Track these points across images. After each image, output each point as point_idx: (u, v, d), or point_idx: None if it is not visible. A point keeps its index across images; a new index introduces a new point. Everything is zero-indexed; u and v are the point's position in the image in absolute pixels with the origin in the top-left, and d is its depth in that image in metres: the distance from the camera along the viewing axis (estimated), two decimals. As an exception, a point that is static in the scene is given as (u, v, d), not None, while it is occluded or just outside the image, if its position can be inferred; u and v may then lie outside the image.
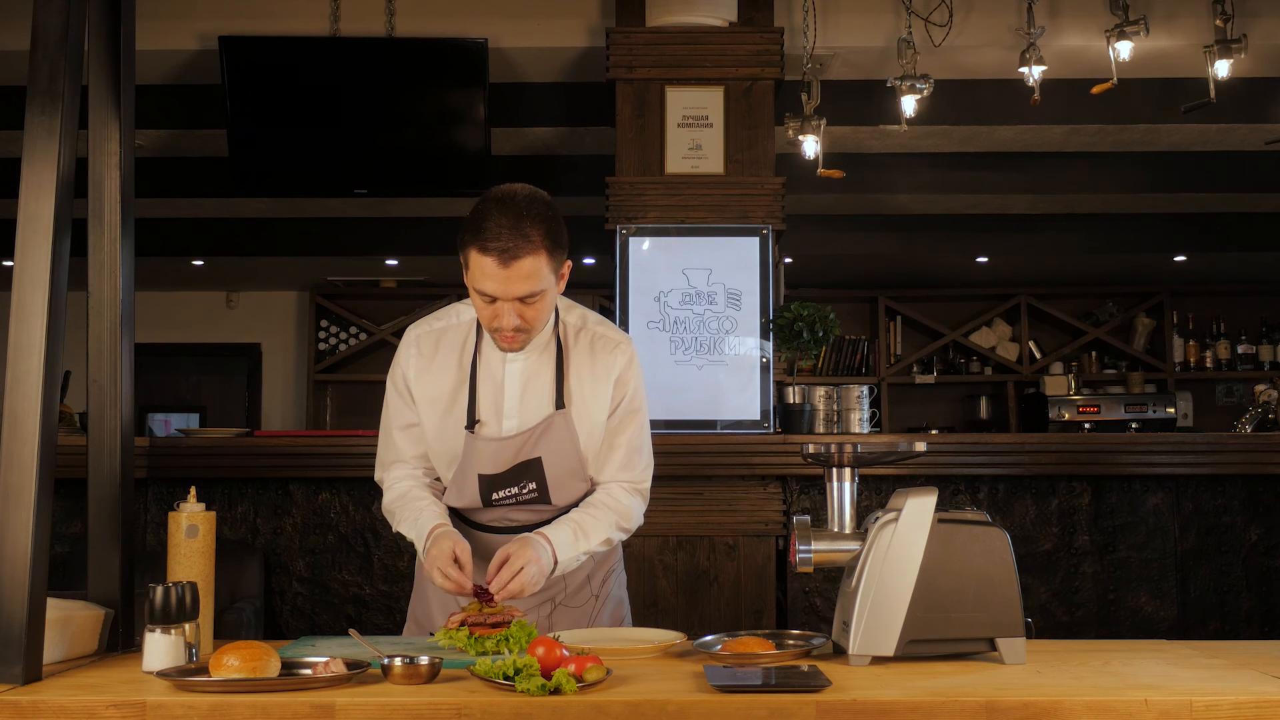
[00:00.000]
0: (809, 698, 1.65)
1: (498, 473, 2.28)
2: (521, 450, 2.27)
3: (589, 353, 2.32)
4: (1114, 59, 4.47)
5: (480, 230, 2.12)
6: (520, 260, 2.11)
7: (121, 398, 2.16)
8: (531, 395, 2.29)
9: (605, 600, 2.43)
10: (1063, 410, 7.90)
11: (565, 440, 2.28)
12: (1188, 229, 7.17)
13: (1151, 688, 1.71)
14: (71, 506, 3.91)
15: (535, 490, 2.29)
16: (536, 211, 2.14)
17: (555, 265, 2.17)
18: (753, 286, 4.26)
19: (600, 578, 2.44)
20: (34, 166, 1.88)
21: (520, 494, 2.30)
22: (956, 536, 1.94)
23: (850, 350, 8.65)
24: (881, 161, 6.09)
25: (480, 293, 2.16)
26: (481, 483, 2.29)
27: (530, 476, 2.28)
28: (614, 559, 2.49)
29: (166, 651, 1.86)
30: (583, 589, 2.41)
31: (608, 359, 2.32)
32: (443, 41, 4.94)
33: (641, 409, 2.36)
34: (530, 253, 2.11)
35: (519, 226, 2.11)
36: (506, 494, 2.30)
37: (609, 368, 2.31)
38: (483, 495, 2.31)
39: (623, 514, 2.32)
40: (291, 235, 7.13)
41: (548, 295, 2.18)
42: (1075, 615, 4.02)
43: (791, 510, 3.99)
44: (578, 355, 2.31)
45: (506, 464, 2.27)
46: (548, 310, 2.22)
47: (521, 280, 2.12)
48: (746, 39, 4.48)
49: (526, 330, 2.20)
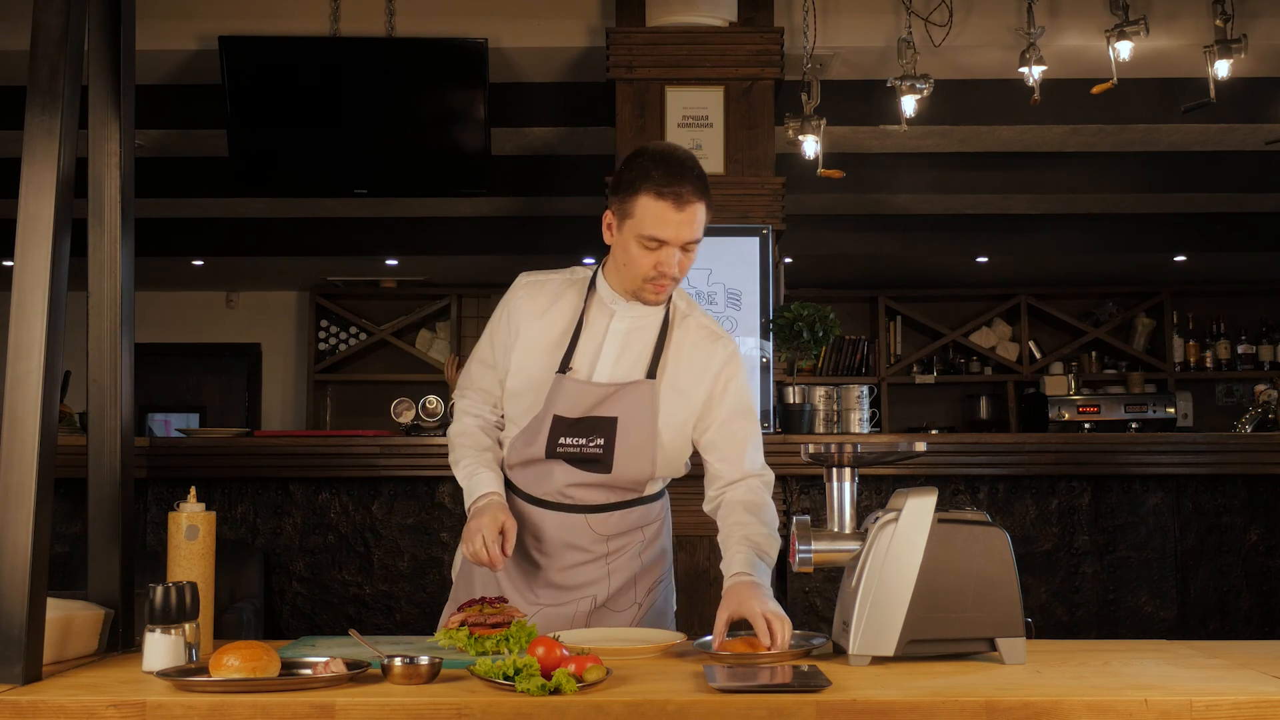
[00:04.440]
0: (809, 698, 1.65)
1: (574, 417, 2.29)
2: (602, 403, 2.29)
3: (692, 337, 2.37)
4: (1114, 59, 4.47)
5: (654, 177, 2.21)
6: (694, 204, 2.22)
7: (121, 398, 2.16)
8: (628, 356, 2.33)
9: (648, 609, 2.42)
10: (1063, 410, 7.90)
11: (645, 409, 2.29)
12: (1188, 229, 7.17)
13: (1151, 688, 1.71)
14: (71, 506, 3.91)
15: (600, 448, 2.28)
16: (696, 164, 2.27)
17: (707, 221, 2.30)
18: (753, 286, 4.26)
19: (646, 586, 2.42)
20: (34, 166, 1.88)
21: (586, 446, 2.29)
22: (956, 536, 1.94)
23: (850, 350, 8.65)
24: (881, 161, 6.08)
25: (649, 238, 2.23)
26: (554, 426, 2.29)
27: (601, 433, 2.28)
28: (662, 569, 2.47)
29: (166, 651, 1.86)
30: (626, 592, 2.40)
31: (707, 348, 2.36)
32: (443, 41, 4.94)
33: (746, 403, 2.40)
34: (702, 200, 2.24)
35: (694, 177, 2.23)
36: (573, 443, 2.29)
37: (707, 357, 2.35)
38: (550, 440, 2.30)
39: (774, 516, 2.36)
40: (291, 235, 7.13)
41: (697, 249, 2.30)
42: (1075, 615, 4.02)
43: (791, 510, 3.98)
44: (679, 335, 2.36)
45: (584, 411, 2.29)
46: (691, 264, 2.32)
47: (692, 224, 2.24)
48: (746, 39, 4.48)
49: (677, 279, 2.30)
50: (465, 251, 7.11)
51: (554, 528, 2.35)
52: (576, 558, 2.36)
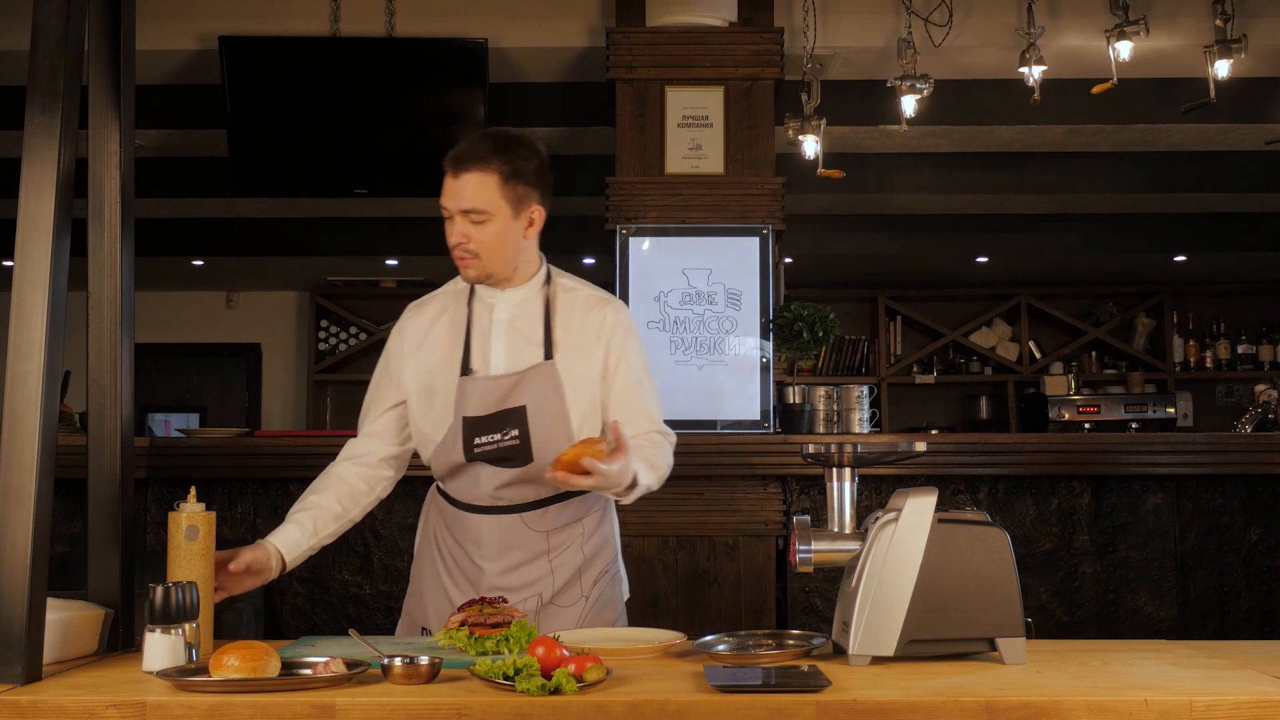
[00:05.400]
0: (809, 698, 1.65)
1: (483, 414, 2.30)
2: (508, 396, 2.30)
3: (579, 308, 2.37)
4: (1114, 59, 4.47)
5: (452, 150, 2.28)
6: (468, 172, 2.24)
7: (121, 398, 2.16)
8: (518, 343, 2.34)
9: (595, 602, 2.41)
10: (1063, 410, 7.90)
11: (551, 391, 2.30)
12: (1188, 229, 7.17)
13: (1151, 688, 1.71)
14: (71, 506, 3.91)
15: (517, 438, 2.29)
16: (505, 143, 2.26)
17: (511, 195, 2.27)
18: (753, 286, 4.26)
19: (591, 578, 2.42)
20: (34, 166, 1.88)
21: (502, 441, 2.29)
22: (956, 536, 1.94)
23: (850, 350, 8.65)
24: (881, 161, 6.08)
25: (443, 209, 2.29)
26: (466, 428, 2.30)
27: (513, 424, 2.29)
28: (607, 558, 2.46)
29: (166, 651, 1.86)
30: (571, 587, 2.39)
31: (596, 314, 2.36)
32: (443, 41, 4.94)
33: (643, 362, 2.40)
34: (479, 168, 2.24)
35: (480, 148, 2.25)
36: (489, 440, 2.30)
37: (598, 324, 2.35)
38: (465, 443, 2.31)
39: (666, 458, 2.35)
40: (291, 235, 7.13)
41: (496, 222, 2.27)
42: (1075, 615, 4.02)
43: (791, 510, 3.98)
44: (566, 310, 2.37)
45: (492, 407, 2.29)
46: (499, 243, 2.29)
47: (466, 192, 2.24)
48: (746, 39, 4.48)
49: (476, 254, 2.28)
50: (465, 251, 7.10)
51: (491, 531, 2.35)
52: (517, 558, 2.36)
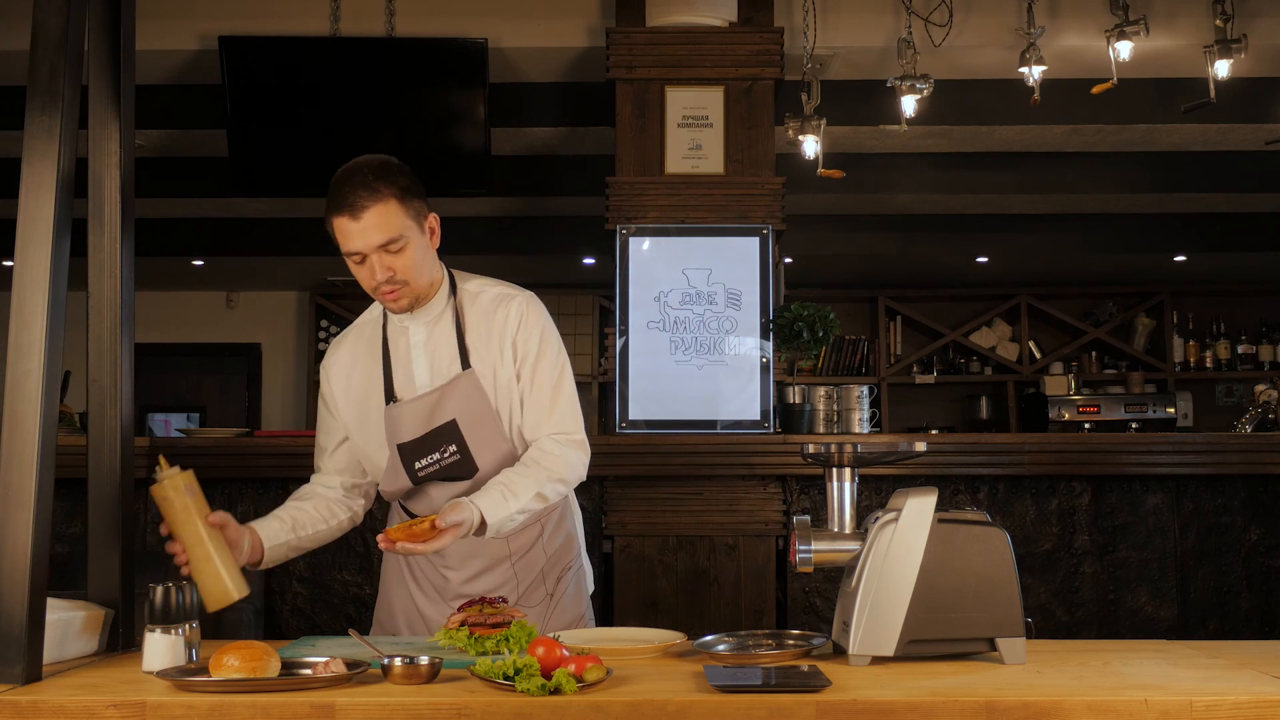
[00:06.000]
0: (809, 698, 1.65)
1: (416, 438, 2.30)
2: (435, 413, 2.29)
3: (484, 310, 2.36)
4: (1114, 59, 4.46)
5: (332, 199, 2.24)
6: (370, 209, 2.21)
7: (121, 398, 2.16)
8: (438, 360, 2.34)
9: (560, 599, 2.42)
10: (1063, 410, 7.90)
11: (476, 399, 2.30)
12: (1188, 229, 7.17)
13: (1151, 688, 1.71)
14: (71, 506, 3.91)
15: (457, 453, 2.29)
16: (376, 168, 2.24)
17: (412, 213, 2.26)
18: (753, 286, 4.26)
19: (555, 575, 2.42)
20: (34, 166, 1.88)
21: (443, 459, 2.30)
22: (956, 536, 1.94)
23: (850, 350, 8.65)
24: (881, 161, 6.08)
25: (350, 255, 2.26)
26: (403, 454, 2.30)
27: (448, 439, 2.29)
28: (570, 555, 2.46)
29: (166, 651, 1.86)
30: (536, 588, 2.40)
31: (501, 312, 2.35)
32: (443, 41, 4.94)
33: (550, 356, 2.35)
34: (378, 201, 2.21)
35: (364, 182, 2.22)
36: (429, 461, 2.30)
37: (504, 320, 2.34)
38: (407, 468, 2.31)
39: (556, 466, 2.28)
40: (291, 235, 7.13)
41: (412, 244, 2.26)
42: (1075, 615, 4.02)
43: (791, 510, 3.98)
44: (474, 315, 2.36)
45: (422, 428, 2.29)
46: (420, 262, 2.28)
47: (376, 228, 2.21)
48: (746, 39, 4.48)
49: (403, 282, 2.27)
50: (465, 251, 7.10)
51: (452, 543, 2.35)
52: (480, 564, 2.37)
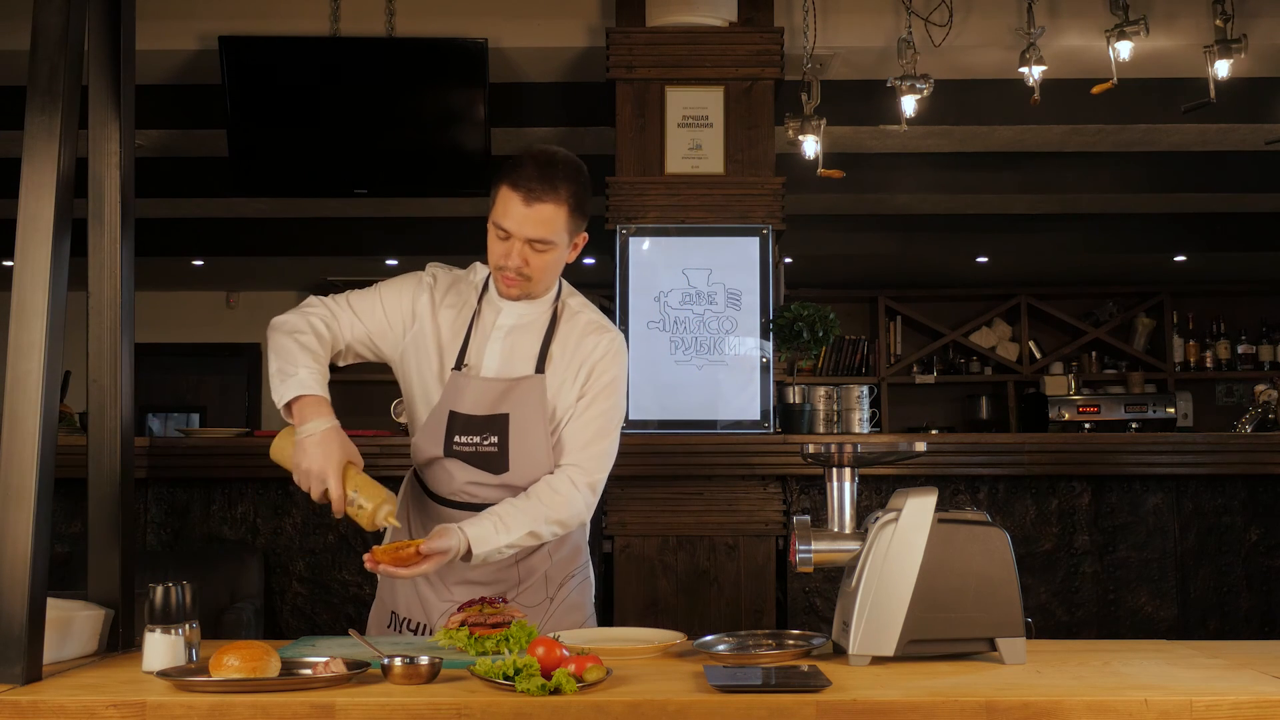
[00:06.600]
0: (809, 698, 1.65)
1: (471, 414, 2.31)
2: (498, 401, 2.31)
3: (577, 330, 2.37)
4: (1114, 59, 4.46)
5: (515, 170, 2.25)
6: (544, 203, 2.23)
7: (121, 398, 2.16)
8: (513, 352, 2.35)
9: (560, 605, 2.41)
10: (1063, 410, 7.90)
11: (536, 404, 2.31)
12: (1188, 229, 7.17)
13: (1151, 688, 1.71)
14: (71, 506, 3.91)
15: (495, 445, 2.30)
16: (570, 171, 2.27)
17: (572, 226, 2.29)
18: (753, 286, 4.26)
19: (558, 581, 2.42)
20: (34, 166, 1.88)
21: (481, 444, 2.31)
22: (956, 536, 1.94)
23: (850, 350, 8.65)
24: (881, 161, 6.08)
25: (498, 227, 2.26)
26: (451, 423, 2.31)
27: (495, 430, 2.30)
28: (575, 565, 2.46)
29: (166, 651, 1.86)
30: (537, 589, 2.39)
31: (590, 340, 2.36)
32: (443, 41, 4.93)
33: (611, 400, 2.35)
34: (554, 200, 2.24)
35: (551, 176, 2.24)
36: (468, 441, 2.31)
37: (592, 348, 2.35)
38: (447, 438, 2.32)
39: (557, 506, 2.26)
40: (291, 235, 7.13)
41: (556, 251, 2.29)
42: (1075, 615, 4.02)
43: (791, 510, 3.98)
44: (565, 329, 2.37)
45: (478, 408, 2.31)
46: (553, 268, 2.31)
47: (538, 223, 2.24)
48: (746, 39, 4.47)
49: (528, 278, 2.29)
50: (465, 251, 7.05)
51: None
52: None
